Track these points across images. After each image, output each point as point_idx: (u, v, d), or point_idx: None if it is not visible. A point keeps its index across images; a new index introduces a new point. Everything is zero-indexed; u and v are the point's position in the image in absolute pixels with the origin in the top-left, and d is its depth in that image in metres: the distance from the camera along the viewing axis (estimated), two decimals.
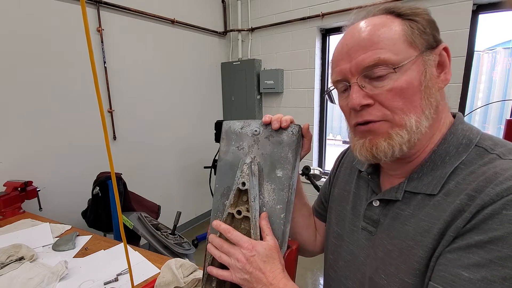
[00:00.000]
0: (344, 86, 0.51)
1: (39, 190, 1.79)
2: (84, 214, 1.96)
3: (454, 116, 0.52)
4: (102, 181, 1.79)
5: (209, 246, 0.56)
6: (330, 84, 0.55)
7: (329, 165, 3.22)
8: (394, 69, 0.44)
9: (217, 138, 2.72)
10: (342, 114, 0.55)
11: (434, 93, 0.46)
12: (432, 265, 0.42)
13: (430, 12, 0.49)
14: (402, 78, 0.45)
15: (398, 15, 0.47)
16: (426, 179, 0.47)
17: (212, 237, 0.56)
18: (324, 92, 2.99)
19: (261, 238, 0.53)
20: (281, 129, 0.56)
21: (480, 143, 0.46)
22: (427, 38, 0.46)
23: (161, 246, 1.55)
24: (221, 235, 0.55)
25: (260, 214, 0.54)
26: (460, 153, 0.46)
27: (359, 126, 0.50)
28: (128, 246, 0.61)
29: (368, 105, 0.47)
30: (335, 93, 0.56)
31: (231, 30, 3.33)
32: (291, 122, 0.57)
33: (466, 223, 0.39)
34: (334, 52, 0.53)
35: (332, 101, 0.58)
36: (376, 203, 0.54)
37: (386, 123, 0.47)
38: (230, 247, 0.52)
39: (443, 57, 0.48)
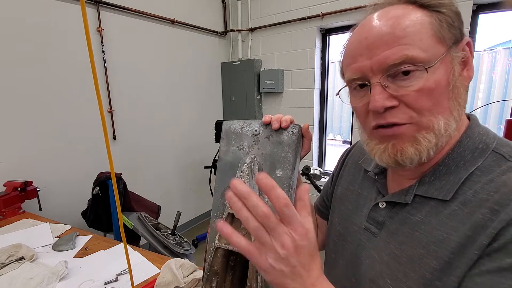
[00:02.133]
0: (357, 84, 0.47)
1: (39, 190, 1.79)
2: (84, 214, 1.96)
3: (468, 117, 0.50)
4: (102, 181, 1.79)
5: (236, 203, 0.36)
6: (342, 82, 0.51)
7: (329, 165, 3.22)
8: (426, 68, 0.40)
9: (217, 138, 2.72)
10: (342, 114, 0.54)
11: (462, 92, 0.43)
12: (453, 285, 0.40)
13: (456, 2, 0.44)
14: (431, 78, 0.41)
15: (421, 5, 0.43)
16: (439, 183, 0.45)
17: (246, 192, 0.35)
18: (325, 92, 2.99)
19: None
20: (281, 129, 0.56)
21: (498, 149, 0.43)
22: (455, 32, 0.42)
23: (161, 246, 1.55)
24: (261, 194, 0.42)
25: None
26: (475, 158, 0.43)
27: (380, 129, 0.45)
28: (128, 246, 0.61)
29: (392, 107, 0.43)
30: (344, 92, 0.52)
31: (231, 30, 3.33)
32: (291, 122, 0.56)
33: (492, 241, 0.37)
34: (349, 46, 0.48)
35: (344, 102, 0.53)
36: (382, 205, 0.52)
37: (412, 126, 0.43)
38: (278, 225, 0.35)
39: (466, 52, 0.44)
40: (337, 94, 0.54)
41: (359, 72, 0.45)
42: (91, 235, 1.34)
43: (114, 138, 2.39)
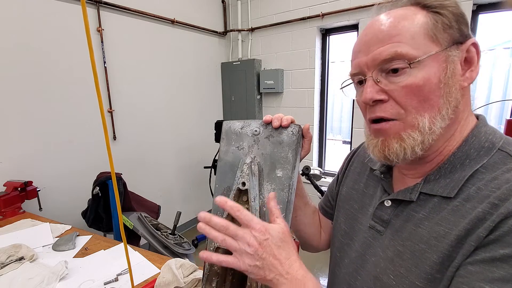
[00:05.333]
0: (359, 79, 0.49)
1: (39, 190, 1.79)
2: (84, 214, 1.96)
3: (477, 117, 0.50)
4: (102, 181, 1.79)
5: (205, 227, 0.45)
6: (347, 78, 0.53)
7: (329, 165, 3.22)
8: (409, 64, 0.42)
9: (217, 138, 2.72)
10: (342, 114, 0.54)
11: (454, 92, 0.44)
12: (450, 275, 0.40)
13: (459, 4, 0.46)
14: (419, 75, 0.43)
15: (424, 6, 0.45)
16: (443, 181, 0.46)
17: (208, 216, 0.45)
18: (325, 92, 2.99)
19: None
20: (281, 128, 0.56)
21: (504, 148, 0.44)
22: (452, 32, 0.44)
23: (161, 246, 1.55)
24: (227, 216, 0.49)
25: (259, 209, 0.53)
26: (481, 156, 0.44)
27: (372, 124, 0.48)
28: (128, 246, 0.61)
29: (382, 101, 0.45)
30: (352, 87, 0.55)
31: (231, 30, 3.33)
32: (292, 122, 0.56)
33: (489, 233, 0.38)
34: (354, 43, 0.51)
35: (347, 96, 0.56)
36: (388, 203, 0.53)
37: (397, 124, 0.45)
38: (238, 229, 0.44)
39: (471, 53, 0.45)
40: (341, 88, 0.56)
41: (358, 68, 0.48)
42: (91, 235, 1.34)
43: (114, 138, 2.39)
